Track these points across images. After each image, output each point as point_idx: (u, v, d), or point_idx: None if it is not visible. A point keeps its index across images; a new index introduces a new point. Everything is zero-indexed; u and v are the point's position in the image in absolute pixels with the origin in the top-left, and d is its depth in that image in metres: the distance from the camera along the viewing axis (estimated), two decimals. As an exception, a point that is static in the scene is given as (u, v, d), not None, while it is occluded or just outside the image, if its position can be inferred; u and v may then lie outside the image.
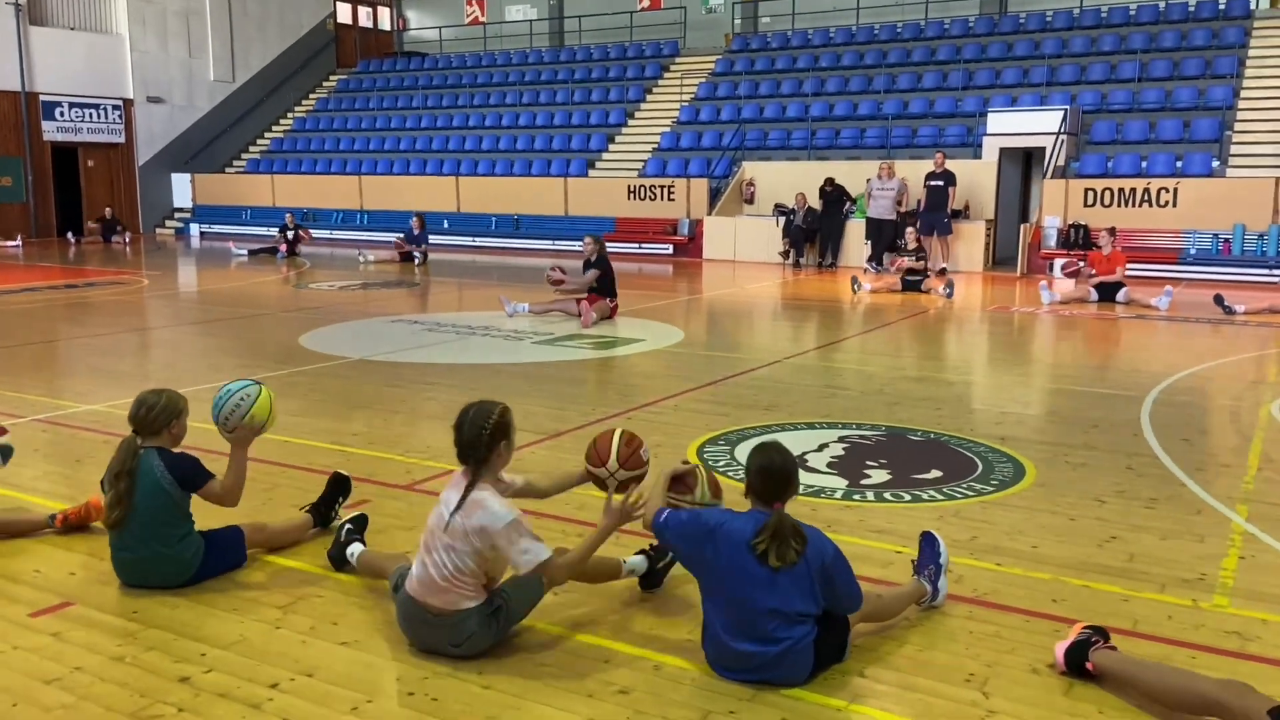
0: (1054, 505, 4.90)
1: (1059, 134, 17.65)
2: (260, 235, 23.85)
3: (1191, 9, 20.72)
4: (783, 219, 18.83)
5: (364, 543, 4.14)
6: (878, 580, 3.89)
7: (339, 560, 4.10)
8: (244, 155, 29.38)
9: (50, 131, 25.15)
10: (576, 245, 21.89)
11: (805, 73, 23.08)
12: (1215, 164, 16.97)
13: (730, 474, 5.40)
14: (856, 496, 5.07)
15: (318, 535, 4.52)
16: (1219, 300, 12.06)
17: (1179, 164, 17.15)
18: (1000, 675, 3.25)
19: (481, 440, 3.39)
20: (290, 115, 30.45)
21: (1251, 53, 19.00)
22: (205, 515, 4.13)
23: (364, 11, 33.54)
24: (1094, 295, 13.24)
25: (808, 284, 16.00)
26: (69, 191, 25.83)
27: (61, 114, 25.35)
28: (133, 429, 4.00)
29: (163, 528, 3.89)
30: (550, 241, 21.84)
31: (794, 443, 6.03)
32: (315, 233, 23.34)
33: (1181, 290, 13.44)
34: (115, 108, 26.46)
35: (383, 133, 27.46)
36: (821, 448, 5.94)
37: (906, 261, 14.58)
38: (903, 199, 17.35)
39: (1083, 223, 16.76)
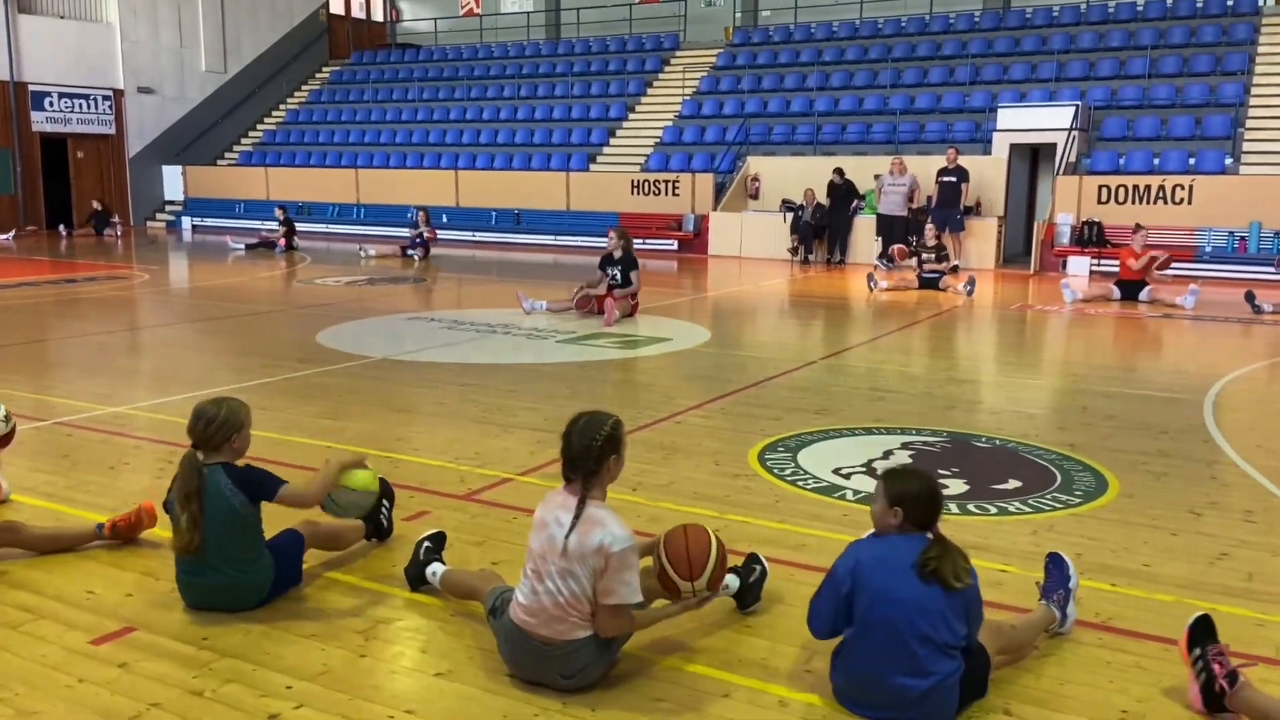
0: (1149, 519, 4.69)
1: (1071, 130, 17.49)
2: (256, 229, 23.48)
3: (1199, 5, 20.60)
4: (790, 215, 18.61)
5: (444, 561, 3.88)
6: (997, 605, 3.66)
7: (417, 579, 3.84)
8: (236, 148, 28.93)
9: (39, 122, 24.67)
10: (577, 240, 21.79)
11: (809, 67, 22.87)
12: (1228, 161, 16.85)
13: (799, 484, 5.18)
14: (939, 508, 4.83)
15: (374, 548, 4.27)
16: (1250, 298, 11.91)
17: (1192, 161, 17.02)
18: (1156, 712, 3.03)
19: (591, 452, 3.14)
20: (283, 107, 30.01)
21: (1261, 49, 18.89)
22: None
23: (357, 2, 33.11)
24: (1116, 293, 13.08)
25: (820, 281, 15.79)
26: (58, 184, 25.36)
27: (51, 104, 24.86)
28: (192, 444, 3.72)
29: (236, 550, 3.62)
30: (552, 237, 21.56)
31: (858, 450, 5.82)
32: (311, 227, 22.98)
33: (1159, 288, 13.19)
34: (105, 98, 25.98)
35: (378, 125, 27.08)
36: (887, 455, 5.71)
37: (905, 249, 14.42)
38: (914, 195, 17.15)
39: (1097, 219, 16.61)
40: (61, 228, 24.01)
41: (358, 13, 33.10)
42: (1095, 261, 16.28)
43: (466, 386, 7.49)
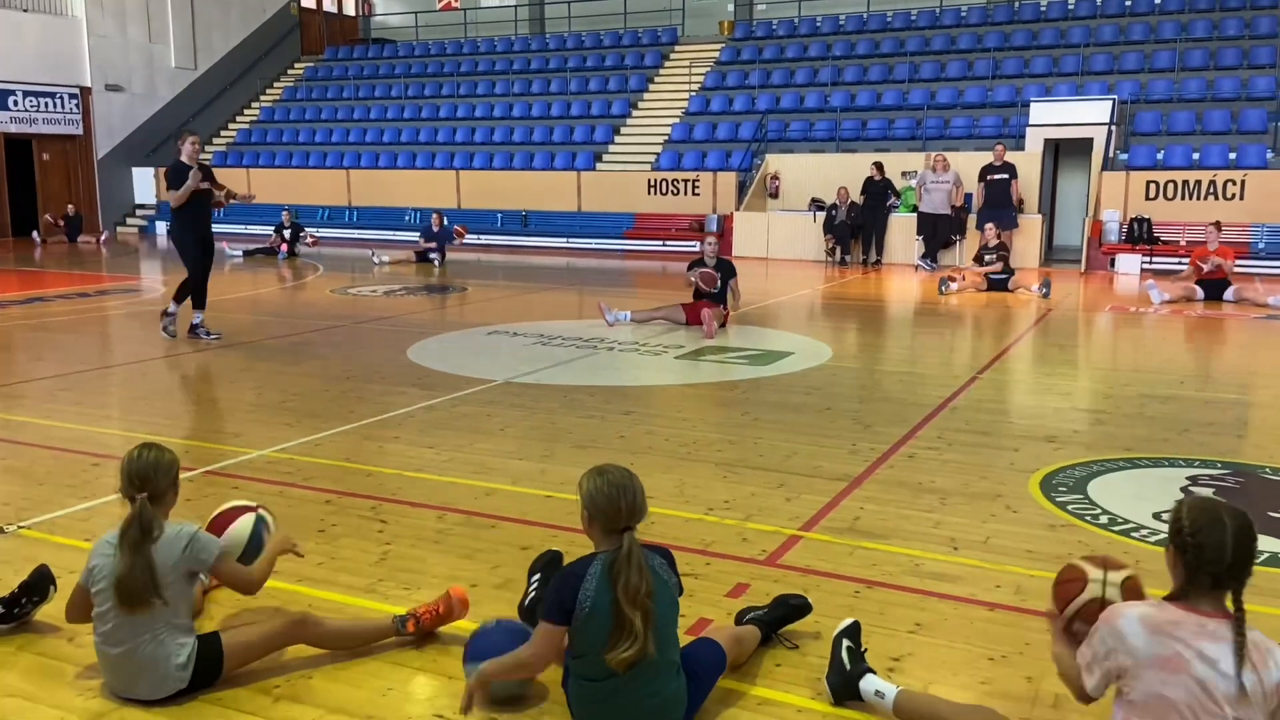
0: None
1: (1110, 125, 17.16)
2: (239, 235, 22.31)
3: (1219, -2, 20.46)
4: (821, 214, 18.02)
5: (872, 670, 3.12)
6: None
7: (846, 691, 3.08)
8: (209, 148, 27.54)
9: (3, 122, 23.15)
10: (591, 242, 20.87)
11: (819, 61, 22.32)
12: (1270, 155, 16.64)
13: (1087, 519, 4.53)
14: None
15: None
16: (1347, 297, 11.60)
17: (1233, 156, 16.78)
18: None
19: (1252, 559, 2.38)
20: (256, 105, 28.69)
21: (1287, 42, 18.75)
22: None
23: (328, -4, 31.87)
24: (1200, 293, 12.69)
25: (871, 283, 15.22)
26: (23, 188, 23.84)
27: (15, 103, 23.35)
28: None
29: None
30: (563, 239, 20.73)
31: (1144, 486, 5.18)
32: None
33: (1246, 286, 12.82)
34: (72, 96, 24.51)
35: (363, 124, 25.95)
36: (1188, 492, 5.08)
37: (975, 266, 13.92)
38: (957, 192, 16.67)
39: (1146, 216, 16.28)
40: (35, 234, 22.56)
41: (329, 6, 31.83)
42: (1146, 259, 15.94)
43: (630, 415, 6.71)
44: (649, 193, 20.13)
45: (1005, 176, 16.00)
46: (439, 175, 22.67)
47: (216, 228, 10.03)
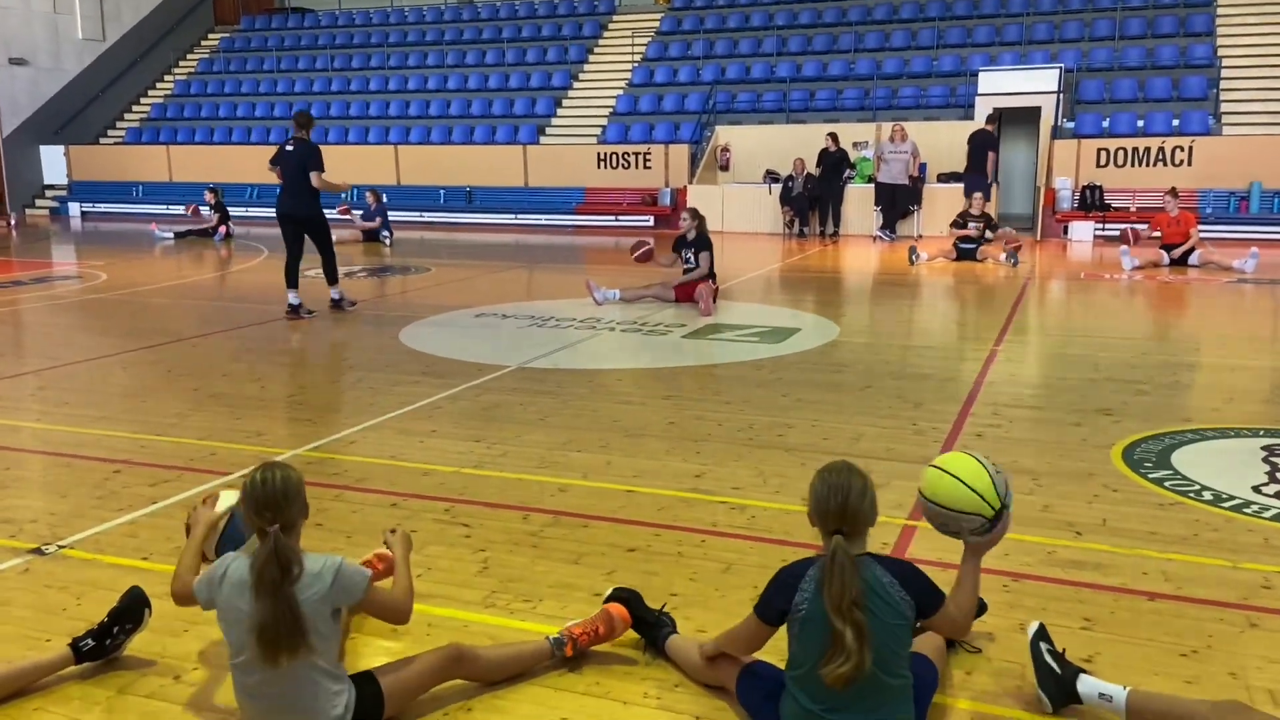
0: None
1: (1058, 93, 17.34)
2: (166, 215, 21.33)
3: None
4: (777, 186, 17.88)
5: (1083, 669, 2.92)
6: None
7: (1063, 697, 2.88)
8: (120, 124, 26.25)
9: (-101, 99, 21.64)
10: (540, 219, 20.38)
11: (762, 31, 22.12)
12: (1211, 121, 17.00)
13: (1191, 495, 4.44)
14: None
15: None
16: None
17: (1176, 123, 17.11)
18: None
19: None
20: (170, 78, 27.37)
21: (1220, 10, 19.13)
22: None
23: (242, -37, 30.46)
24: (1166, 259, 12.88)
25: (837, 255, 15.15)
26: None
27: (-89, 78, 21.83)
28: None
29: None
30: (511, 215, 20.23)
31: (1225, 458, 5.12)
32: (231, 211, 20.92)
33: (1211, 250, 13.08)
34: (-27, 71, 23.02)
35: (288, 97, 24.95)
36: (1272, 463, 5.02)
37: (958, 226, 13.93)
38: (914, 162, 16.67)
39: (1098, 184, 16.51)
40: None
41: (243, -26, 30.44)
42: (1099, 226, 16.18)
43: (670, 400, 6.44)
44: (599, 166, 19.74)
45: (983, 145, 16.02)
46: (376, 151, 21.90)
47: (122, 208, 9.69)
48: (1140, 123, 17.32)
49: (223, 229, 17.67)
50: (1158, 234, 13.10)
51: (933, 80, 19.52)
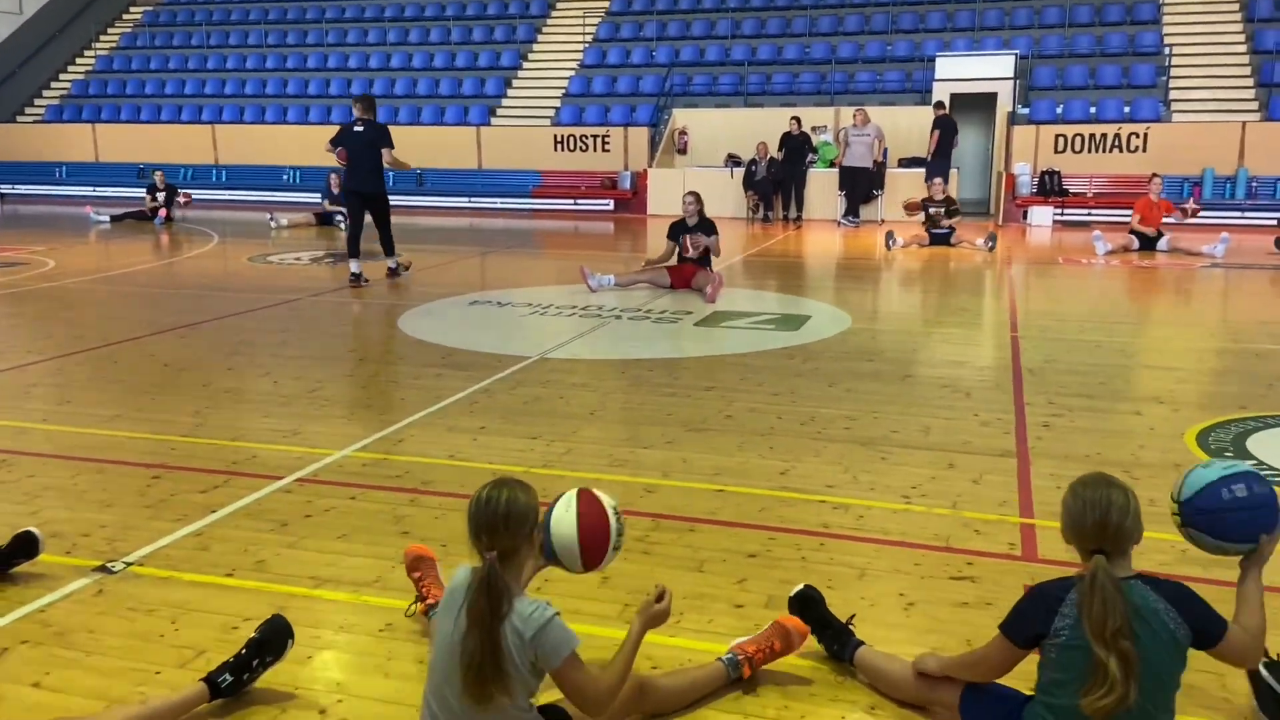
0: None
1: (1015, 79, 17.52)
2: (84, 196, 20.41)
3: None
4: (739, 170, 17.75)
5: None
6: None
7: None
8: (39, 101, 24.96)
9: None
10: (494, 202, 19.90)
11: (715, 14, 21.92)
12: (1162, 109, 17.35)
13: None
14: None
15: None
16: (1280, 244, 12.18)
17: (1127, 109, 17.42)
18: None
19: None
20: (89, 53, 26.10)
21: None
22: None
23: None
24: (1136, 244, 13.09)
25: (807, 240, 15.09)
26: None
27: None
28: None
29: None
30: (465, 199, 19.75)
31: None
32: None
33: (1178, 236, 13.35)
34: (-120, 42, 21.62)
35: (221, 74, 23.99)
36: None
37: (916, 203, 13.96)
38: (878, 146, 16.68)
39: (1056, 169, 16.72)
40: None
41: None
42: (1059, 211, 16.40)
43: (713, 391, 6.22)
44: (555, 149, 19.37)
45: (944, 130, 16.09)
46: (317, 132, 21.08)
47: (45, 190, 9.46)
48: (1093, 109, 17.59)
49: (162, 212, 16.89)
50: (1137, 216, 13.26)
51: (888, 65, 19.58)
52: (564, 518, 2.74)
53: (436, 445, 5.15)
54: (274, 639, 2.86)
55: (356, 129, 10.43)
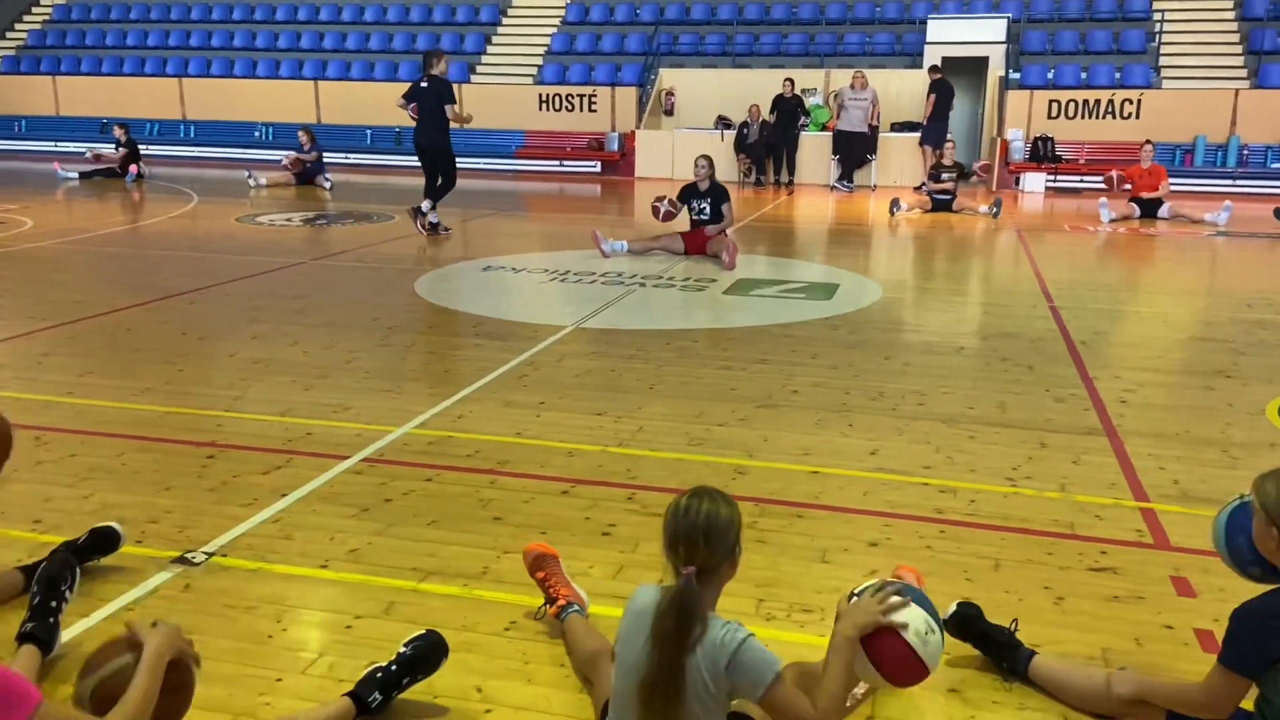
0: None
1: (1007, 43, 17.35)
2: (47, 152, 19.66)
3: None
4: (730, 133, 17.44)
5: None
6: None
7: None
8: (-8, 51, 23.89)
9: None
10: (475, 162, 19.33)
11: (699, -30, 21.44)
12: (1152, 75, 17.29)
13: None
14: None
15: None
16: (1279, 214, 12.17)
17: (1118, 75, 17.34)
18: None
19: None
20: (47, 2, 25.02)
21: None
22: None
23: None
24: (1137, 212, 13.03)
25: (805, 206, 14.87)
26: None
27: None
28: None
29: None
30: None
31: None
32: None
33: (1180, 203, 13.31)
34: None
35: (185, 25, 23.12)
36: None
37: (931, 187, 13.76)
38: (874, 111, 16.45)
39: (1049, 135, 16.62)
40: None
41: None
42: (1051, 177, 16.32)
43: (767, 364, 6.00)
44: (540, 109, 18.91)
45: (940, 94, 15.90)
46: (293, 86, 20.52)
47: (26, 145, 9.07)
48: (1084, 75, 17.49)
49: (133, 168, 16.25)
50: (1129, 185, 13.21)
51: (877, 27, 19.31)
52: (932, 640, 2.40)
53: (499, 422, 4.89)
54: (431, 656, 2.62)
55: (423, 84, 10.65)
